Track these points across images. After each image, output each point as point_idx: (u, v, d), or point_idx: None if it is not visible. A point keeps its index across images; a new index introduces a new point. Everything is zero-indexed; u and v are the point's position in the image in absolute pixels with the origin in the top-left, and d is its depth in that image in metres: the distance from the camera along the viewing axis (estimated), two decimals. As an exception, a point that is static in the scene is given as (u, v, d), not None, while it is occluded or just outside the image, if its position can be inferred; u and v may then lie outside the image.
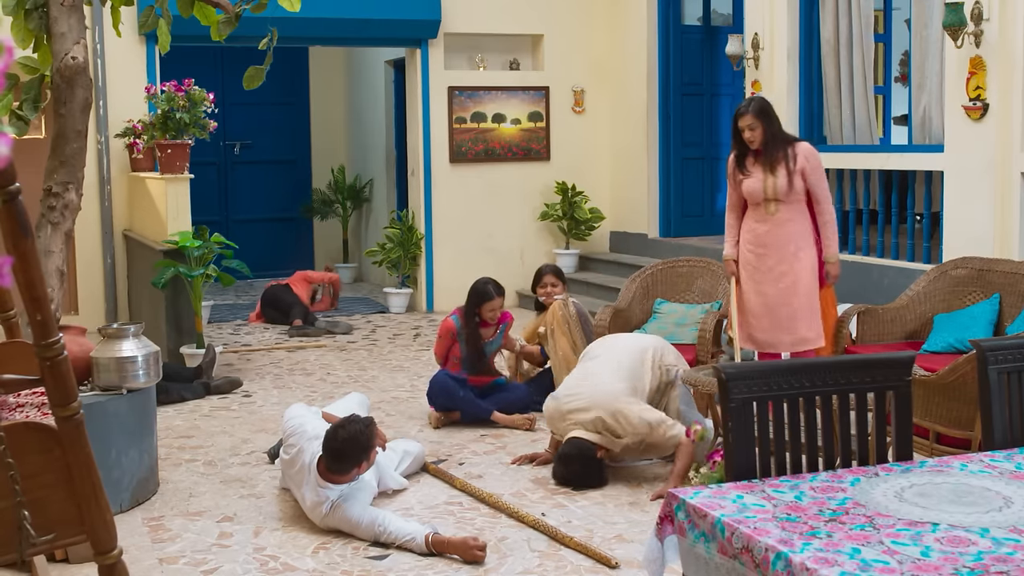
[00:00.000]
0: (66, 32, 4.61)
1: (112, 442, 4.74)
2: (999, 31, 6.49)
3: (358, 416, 4.66)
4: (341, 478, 4.51)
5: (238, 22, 4.92)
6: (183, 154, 7.89)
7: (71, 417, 2.43)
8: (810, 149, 5.62)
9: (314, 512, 4.55)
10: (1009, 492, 2.58)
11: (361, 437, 4.48)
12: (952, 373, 4.60)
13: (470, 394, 6.25)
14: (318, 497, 4.51)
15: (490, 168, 10.55)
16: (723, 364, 2.94)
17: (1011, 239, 6.52)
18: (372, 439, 4.53)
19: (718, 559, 2.44)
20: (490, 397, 6.30)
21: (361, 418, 4.62)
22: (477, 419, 6.20)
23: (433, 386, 6.27)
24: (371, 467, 4.64)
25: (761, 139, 5.58)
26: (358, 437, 4.47)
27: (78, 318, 9.08)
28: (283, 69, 12.22)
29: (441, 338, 6.44)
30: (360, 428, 4.50)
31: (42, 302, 2.29)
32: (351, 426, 4.52)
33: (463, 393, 6.22)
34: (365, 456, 4.50)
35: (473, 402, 6.22)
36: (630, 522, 4.65)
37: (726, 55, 9.05)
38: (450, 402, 6.21)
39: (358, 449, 4.48)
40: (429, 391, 6.34)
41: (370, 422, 4.60)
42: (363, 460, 4.51)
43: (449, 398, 6.21)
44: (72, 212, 4.69)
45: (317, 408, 5.27)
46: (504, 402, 6.28)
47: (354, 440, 4.47)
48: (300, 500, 4.69)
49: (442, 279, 10.47)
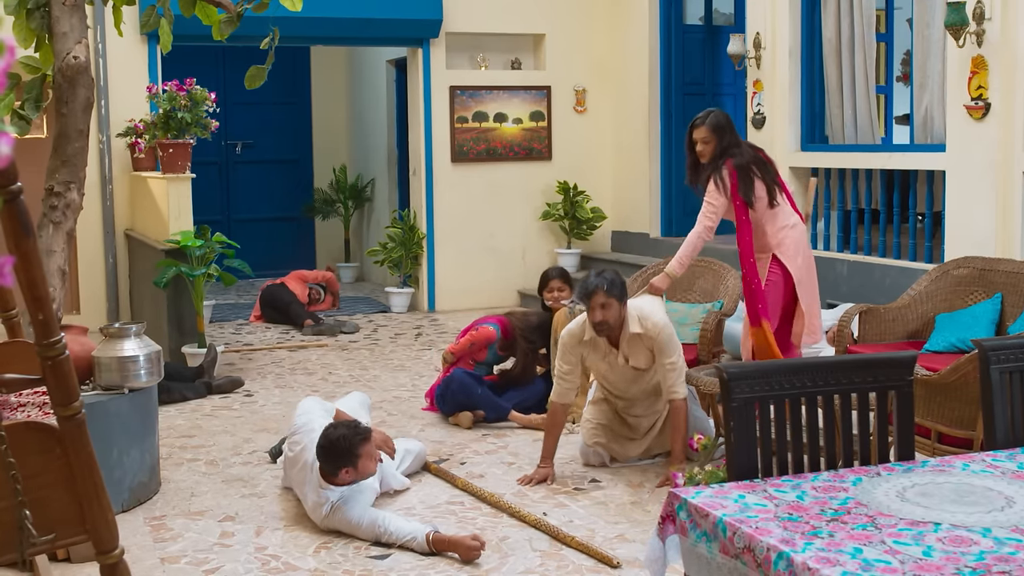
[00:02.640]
0: (68, 31, 4.61)
1: (114, 442, 4.75)
2: (1001, 31, 6.49)
3: (357, 422, 4.64)
4: (332, 479, 4.50)
5: (240, 22, 4.91)
6: (185, 153, 7.89)
7: (72, 417, 2.43)
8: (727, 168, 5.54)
9: (315, 513, 4.55)
10: (1011, 492, 2.58)
11: (343, 442, 4.46)
12: (954, 373, 4.59)
13: (488, 392, 6.24)
14: (319, 498, 4.51)
15: (492, 168, 10.55)
16: (725, 364, 2.94)
17: (1013, 239, 6.51)
18: (358, 446, 4.48)
19: (720, 559, 2.44)
20: (506, 395, 6.29)
21: (357, 424, 4.60)
22: (496, 418, 6.20)
23: (450, 383, 6.24)
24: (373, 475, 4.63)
25: (711, 155, 5.55)
26: (340, 441, 4.46)
27: (80, 317, 9.09)
28: (285, 69, 12.23)
29: (475, 343, 6.42)
30: (346, 433, 4.49)
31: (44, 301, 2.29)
32: (340, 429, 4.52)
33: (481, 391, 6.21)
34: (349, 461, 4.47)
35: (492, 400, 6.20)
36: (632, 522, 4.65)
37: (728, 55, 9.04)
38: (468, 400, 6.18)
39: (339, 452, 4.46)
40: (443, 390, 6.28)
41: (364, 431, 4.57)
42: (348, 465, 4.48)
43: (468, 396, 6.18)
44: (74, 211, 4.69)
45: (331, 405, 5.23)
46: (521, 400, 6.28)
47: (337, 443, 4.46)
48: (302, 499, 4.70)
49: (444, 279, 10.47)
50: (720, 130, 5.55)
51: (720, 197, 5.53)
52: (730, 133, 5.59)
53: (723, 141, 5.55)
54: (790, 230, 5.59)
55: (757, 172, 5.58)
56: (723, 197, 5.53)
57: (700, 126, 5.57)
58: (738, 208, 5.53)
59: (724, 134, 5.55)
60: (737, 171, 5.51)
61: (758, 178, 5.57)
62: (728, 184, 5.50)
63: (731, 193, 5.51)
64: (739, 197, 5.51)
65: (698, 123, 5.59)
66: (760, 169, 5.61)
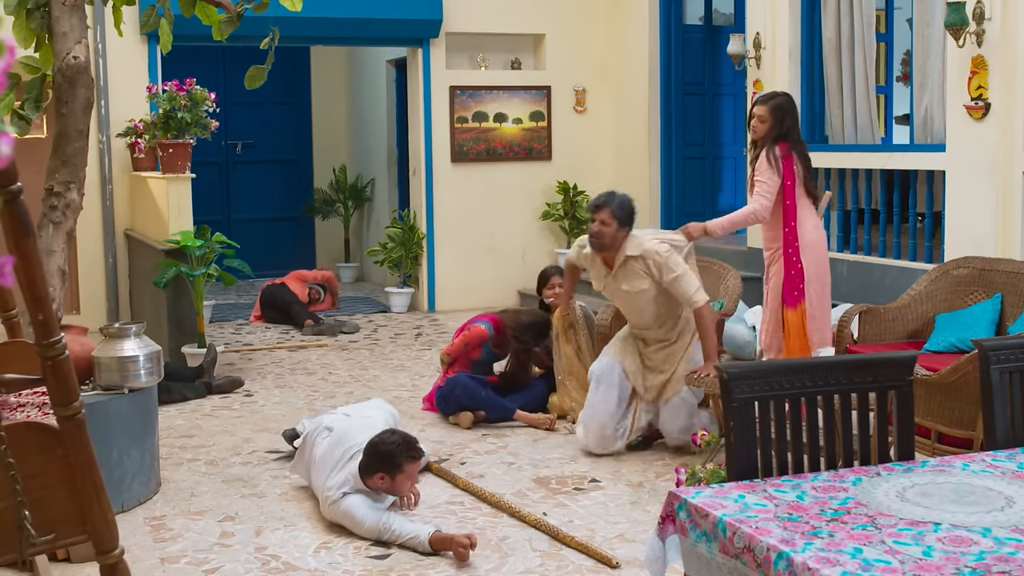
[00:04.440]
0: (68, 31, 4.61)
1: (114, 442, 4.75)
2: (1001, 31, 6.48)
3: (416, 441, 4.65)
4: (366, 479, 4.52)
5: (239, 22, 4.91)
6: (185, 153, 7.89)
7: (72, 417, 2.43)
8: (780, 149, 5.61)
9: (323, 495, 4.61)
10: (1011, 492, 2.58)
11: (396, 449, 4.50)
12: (954, 373, 4.59)
13: (492, 393, 6.24)
14: (332, 484, 4.54)
15: (492, 168, 10.55)
16: (725, 364, 2.94)
17: (1013, 239, 6.51)
18: (405, 461, 4.51)
19: (720, 559, 2.44)
20: (510, 396, 6.29)
21: (415, 442, 4.62)
22: (501, 419, 6.21)
23: (454, 387, 6.23)
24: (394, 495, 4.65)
25: (763, 134, 5.62)
26: (394, 448, 4.50)
27: (80, 317, 9.09)
28: (285, 69, 12.23)
29: (468, 342, 6.43)
30: (401, 443, 4.52)
31: (44, 302, 2.29)
32: (398, 437, 4.56)
33: (485, 393, 6.21)
34: (387, 469, 4.50)
35: (496, 401, 6.20)
36: (632, 522, 4.65)
37: (728, 55, 9.05)
38: (473, 403, 6.19)
39: (386, 457, 4.49)
40: (445, 393, 6.28)
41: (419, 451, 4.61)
42: (387, 472, 4.50)
43: (472, 399, 6.18)
44: (74, 212, 4.69)
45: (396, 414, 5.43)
46: (525, 402, 6.28)
47: (390, 448, 4.50)
48: (313, 479, 4.77)
49: (443, 279, 10.47)
50: (780, 111, 5.61)
51: (773, 176, 5.59)
52: (791, 118, 5.65)
53: (782, 124, 5.61)
54: (814, 229, 5.70)
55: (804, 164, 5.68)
56: (776, 176, 5.58)
57: (762, 104, 5.65)
58: (787, 190, 5.60)
59: (784, 118, 5.61)
60: (794, 154, 5.60)
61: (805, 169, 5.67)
62: (781, 163, 5.57)
63: (783, 173, 5.57)
64: (792, 177, 5.57)
65: (761, 100, 5.68)
66: (806, 164, 5.71)
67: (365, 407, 5.36)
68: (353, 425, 4.85)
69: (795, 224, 5.61)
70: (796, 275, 5.61)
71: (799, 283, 5.61)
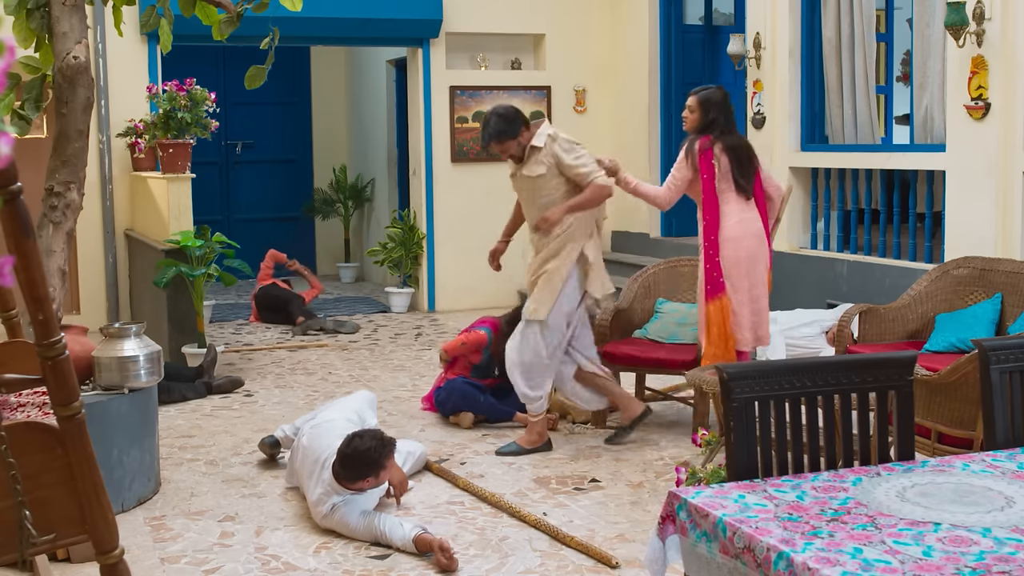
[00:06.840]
0: (68, 32, 4.61)
1: (114, 442, 4.75)
2: (1001, 31, 6.49)
3: (382, 433, 4.61)
4: (349, 485, 4.49)
5: (240, 22, 4.91)
6: (185, 153, 7.89)
7: (72, 417, 2.43)
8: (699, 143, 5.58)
9: (315, 510, 4.55)
10: (1011, 492, 2.58)
11: (372, 454, 4.44)
12: (954, 373, 4.59)
13: (490, 398, 6.27)
14: (322, 497, 4.51)
15: (492, 168, 10.51)
16: (725, 364, 2.94)
17: (1013, 239, 6.51)
18: (384, 458, 4.47)
19: (720, 559, 2.44)
20: (507, 399, 6.29)
21: (382, 435, 4.56)
22: (500, 421, 6.22)
23: (452, 393, 6.26)
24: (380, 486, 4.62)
25: (693, 125, 5.62)
26: (369, 453, 4.44)
27: (80, 317, 9.09)
28: (285, 69, 12.24)
29: (466, 344, 6.44)
30: (373, 444, 4.45)
31: (44, 302, 2.29)
32: (367, 440, 4.47)
33: (484, 398, 6.25)
34: (372, 472, 4.46)
35: (495, 406, 6.24)
36: (632, 522, 4.65)
37: (728, 55, 9.04)
38: (471, 408, 6.22)
39: (365, 463, 4.44)
40: (443, 397, 6.31)
41: (390, 443, 4.55)
42: (369, 476, 4.47)
43: (470, 404, 6.22)
44: (74, 212, 4.69)
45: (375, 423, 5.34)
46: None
47: (365, 454, 4.44)
48: (305, 491, 4.71)
49: (444, 279, 10.46)
50: (707, 104, 5.58)
51: (683, 168, 5.62)
52: (717, 111, 5.58)
53: (707, 116, 5.58)
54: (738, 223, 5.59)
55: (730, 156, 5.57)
56: (686, 169, 5.60)
57: (692, 95, 5.67)
58: (704, 183, 5.57)
59: (710, 110, 5.57)
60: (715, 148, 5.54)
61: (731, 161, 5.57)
62: (697, 157, 5.55)
63: (699, 167, 5.56)
64: (709, 171, 5.55)
65: (692, 92, 5.70)
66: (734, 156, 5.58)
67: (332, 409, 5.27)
68: (316, 434, 4.83)
69: (712, 218, 5.58)
70: (713, 268, 5.58)
71: (716, 276, 5.57)
